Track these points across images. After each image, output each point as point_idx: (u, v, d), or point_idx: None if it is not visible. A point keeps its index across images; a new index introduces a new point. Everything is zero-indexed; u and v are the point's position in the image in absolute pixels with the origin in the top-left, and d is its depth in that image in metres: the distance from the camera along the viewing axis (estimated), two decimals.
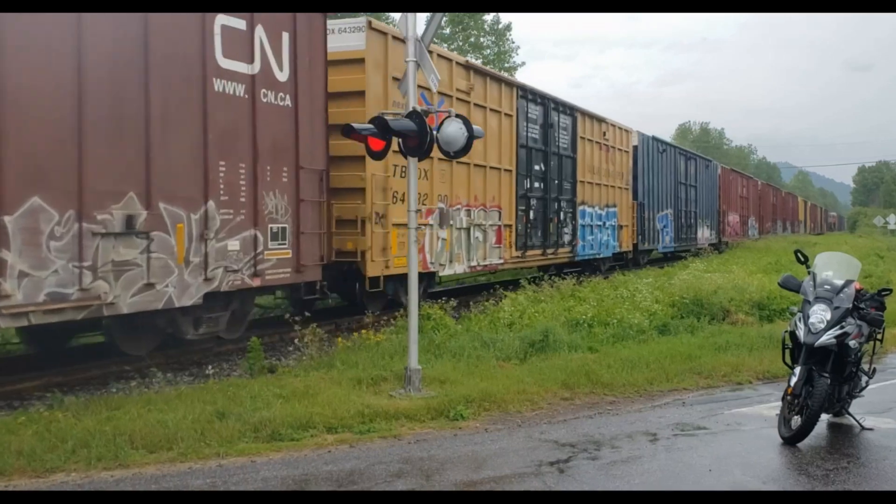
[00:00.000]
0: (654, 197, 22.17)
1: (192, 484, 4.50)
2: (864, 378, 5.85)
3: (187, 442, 5.12)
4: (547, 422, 6.00)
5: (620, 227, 19.56)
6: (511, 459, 4.98)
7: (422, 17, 6.98)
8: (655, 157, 22.32)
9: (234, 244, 7.77)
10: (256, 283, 8.09)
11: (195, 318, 7.80)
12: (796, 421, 5.33)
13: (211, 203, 7.48)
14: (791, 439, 5.32)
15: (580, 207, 16.72)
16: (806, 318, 5.42)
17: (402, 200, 9.98)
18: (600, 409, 6.43)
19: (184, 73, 7.24)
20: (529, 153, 14.45)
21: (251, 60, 7.97)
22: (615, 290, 12.58)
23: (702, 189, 28.04)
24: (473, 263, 12.42)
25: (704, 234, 28.53)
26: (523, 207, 14.14)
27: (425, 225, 10.84)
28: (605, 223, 18.41)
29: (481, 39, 32.89)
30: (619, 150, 19.32)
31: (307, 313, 8.63)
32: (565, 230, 16.06)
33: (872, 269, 17.10)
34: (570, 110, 16.35)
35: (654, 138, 22.57)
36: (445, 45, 29.91)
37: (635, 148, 20.75)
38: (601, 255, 18.23)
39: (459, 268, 12.07)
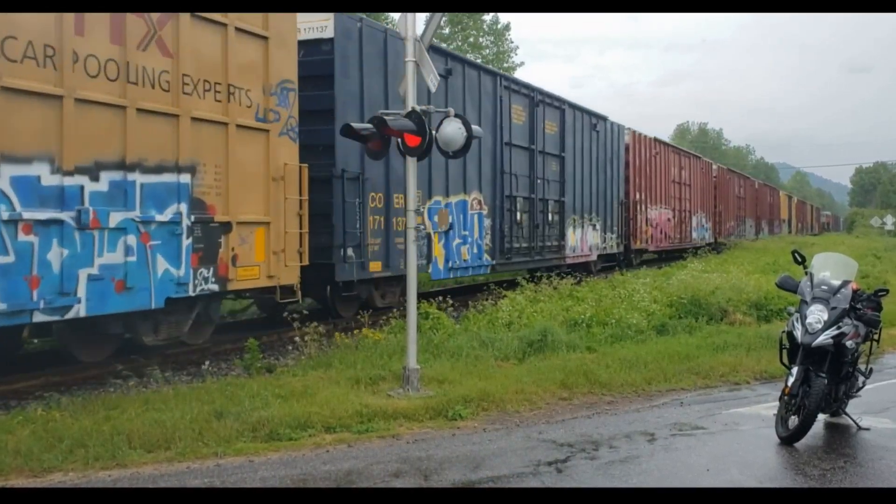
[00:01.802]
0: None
1: (190, 484, 4.50)
2: (861, 378, 5.87)
3: (185, 441, 5.12)
4: (545, 421, 6.01)
5: (210, 229, 7.50)
6: (509, 459, 4.98)
7: (421, 17, 6.99)
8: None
9: None
10: None
11: None
12: (793, 421, 5.34)
13: None
14: (788, 439, 5.33)
15: None
16: (803, 318, 5.43)
17: None
18: (598, 409, 6.44)
19: None
20: None
21: None
22: (613, 289, 12.59)
23: (584, 164, 16.83)
24: None
25: (587, 239, 17.13)
26: None
27: None
28: (76, 218, 6.23)
29: (480, 39, 32.92)
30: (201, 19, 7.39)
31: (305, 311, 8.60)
32: None
33: (869, 269, 17.13)
34: None
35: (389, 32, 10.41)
36: (444, 44, 29.95)
37: (315, 46, 9.31)
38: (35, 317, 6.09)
39: None
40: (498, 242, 13.31)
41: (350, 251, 9.75)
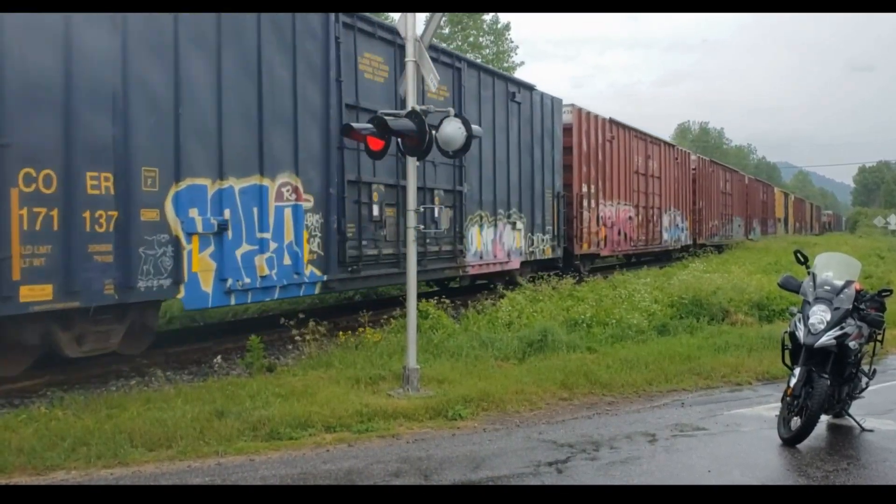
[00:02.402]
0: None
1: (192, 482, 4.50)
2: (864, 379, 5.85)
3: (186, 440, 5.13)
4: (545, 422, 6.00)
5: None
6: (509, 460, 4.98)
7: (421, 17, 6.98)
8: None
9: None
10: None
11: None
12: (796, 422, 5.32)
13: None
14: (791, 440, 5.32)
15: None
16: (806, 318, 5.41)
17: None
18: (599, 410, 6.43)
19: None
20: None
21: None
22: (614, 289, 12.58)
23: (497, 144, 12.77)
24: None
25: (502, 242, 13.11)
26: None
27: None
28: None
29: (480, 39, 32.90)
30: None
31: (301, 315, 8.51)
32: None
33: (873, 269, 17.09)
34: None
35: None
36: (445, 44, 29.96)
37: None
38: None
39: None
40: (335, 248, 8.96)
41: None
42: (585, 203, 16.54)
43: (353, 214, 9.33)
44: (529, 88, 14.27)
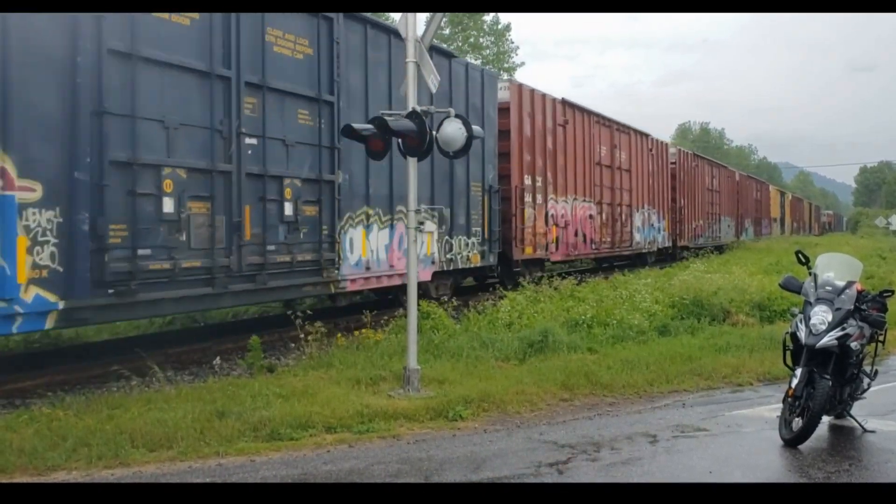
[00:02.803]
0: None
1: (192, 482, 4.50)
2: (866, 380, 5.84)
3: (187, 441, 5.14)
4: (546, 423, 5.99)
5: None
6: (510, 460, 4.97)
7: (421, 18, 6.98)
8: None
9: None
10: None
11: None
12: (797, 423, 5.32)
13: None
14: (792, 441, 5.31)
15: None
16: (807, 319, 5.40)
17: None
18: (600, 411, 6.43)
19: None
20: None
21: None
22: (614, 290, 12.58)
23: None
24: None
25: (404, 248, 8.28)
26: None
27: None
28: None
29: (480, 40, 32.94)
30: None
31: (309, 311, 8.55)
32: None
33: (874, 270, 17.08)
34: None
35: None
36: (445, 45, 29.99)
37: None
38: None
39: None
40: (86, 261, 6.24)
41: None
42: (529, 198, 13.71)
43: (123, 211, 6.52)
44: (448, 56, 11.52)
